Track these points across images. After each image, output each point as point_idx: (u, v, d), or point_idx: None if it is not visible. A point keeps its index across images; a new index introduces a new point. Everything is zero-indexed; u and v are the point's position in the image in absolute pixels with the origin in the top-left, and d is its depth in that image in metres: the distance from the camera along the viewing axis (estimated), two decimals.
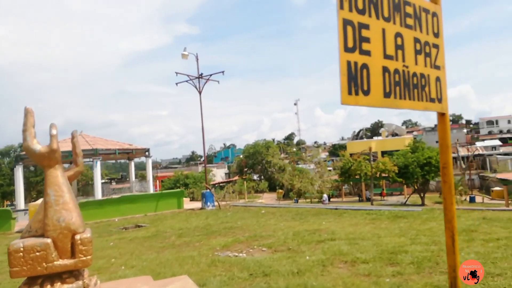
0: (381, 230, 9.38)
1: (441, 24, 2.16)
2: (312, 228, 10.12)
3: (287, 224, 11.13)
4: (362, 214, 12.12)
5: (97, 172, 26.86)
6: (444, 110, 2.15)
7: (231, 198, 40.10)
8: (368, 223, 10.57)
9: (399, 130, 60.38)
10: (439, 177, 29.55)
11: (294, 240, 8.68)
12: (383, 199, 40.33)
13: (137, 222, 13.88)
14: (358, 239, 8.35)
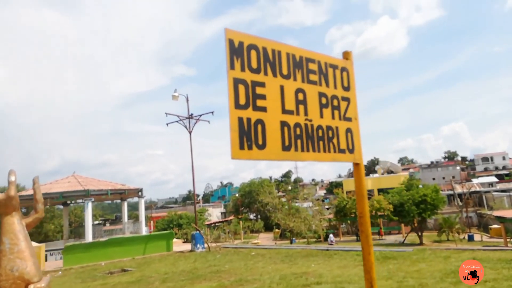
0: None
1: (352, 78, 2.22)
2: (300, 271, 9.86)
3: (275, 267, 10.84)
4: (352, 256, 11.85)
5: (88, 214, 26.48)
6: (357, 160, 2.17)
7: (226, 239, 39.31)
8: (358, 265, 10.30)
9: (394, 168, 60.47)
10: (436, 215, 29.11)
11: (280, 284, 8.43)
12: (381, 238, 39.58)
13: (124, 266, 13.48)
14: (344, 282, 8.11)
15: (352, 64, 2.18)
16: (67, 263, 14.55)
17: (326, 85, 2.06)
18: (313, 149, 1.87)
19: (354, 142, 2.12)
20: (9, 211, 3.12)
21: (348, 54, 2.19)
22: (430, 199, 32.28)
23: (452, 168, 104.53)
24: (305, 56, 2.00)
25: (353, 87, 2.18)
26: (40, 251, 13.69)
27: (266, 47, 1.82)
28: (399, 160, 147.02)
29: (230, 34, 1.65)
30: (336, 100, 2.07)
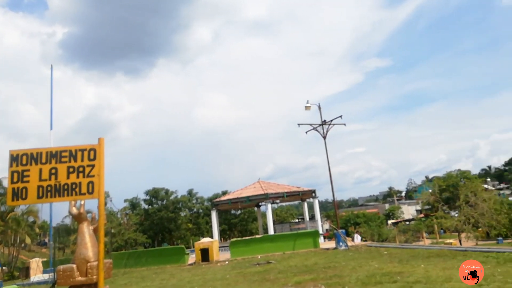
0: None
1: (99, 152, 4.06)
2: (396, 271, 9.82)
3: (381, 266, 10.97)
4: (480, 257, 10.53)
5: (269, 213, 30.75)
6: (95, 197, 3.93)
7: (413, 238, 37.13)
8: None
9: None
10: None
11: (358, 281, 8.93)
12: None
13: (270, 259, 15.94)
14: (420, 283, 7.95)
15: (101, 146, 3.70)
16: (234, 255, 18.28)
17: (74, 161, 3.72)
18: (59, 196, 3.58)
19: (94, 188, 3.66)
20: (80, 221, 5.71)
21: (101, 140, 3.71)
22: None
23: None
24: (59, 150, 3.95)
25: (98, 157, 3.70)
26: (212, 246, 17.81)
27: (33, 152, 3.87)
28: None
29: (13, 152, 3.71)
30: (82, 168, 3.68)
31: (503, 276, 7.83)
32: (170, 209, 51.63)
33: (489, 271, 8.59)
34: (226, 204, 33.44)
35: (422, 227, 37.00)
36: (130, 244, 44.45)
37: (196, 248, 17.92)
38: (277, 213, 65.71)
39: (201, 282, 12.03)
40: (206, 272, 14.44)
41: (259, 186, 33.63)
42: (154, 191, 52.89)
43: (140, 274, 16.89)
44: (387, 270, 10.16)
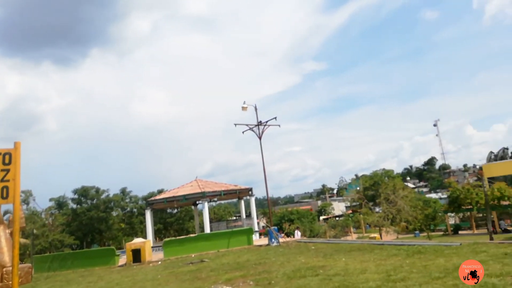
0: (380, 267, 9.26)
1: (14, 157, 3.93)
2: (320, 265, 10.53)
3: (306, 261, 11.65)
4: (393, 250, 11.71)
5: (205, 212, 30.71)
6: (9, 202, 3.85)
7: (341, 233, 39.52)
8: (384, 259, 10.33)
9: None
10: None
11: (285, 275, 9.44)
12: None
13: (204, 258, 16.07)
14: (339, 275, 8.64)
15: (17, 150, 3.69)
16: (167, 254, 18.11)
17: None
18: None
19: (9, 192, 3.64)
20: None
21: (17, 144, 3.70)
22: None
23: None
24: None
25: (14, 161, 3.68)
26: (144, 246, 17.47)
27: None
28: None
29: None
30: None
31: (410, 267, 8.79)
32: (101, 209, 49.20)
33: (398, 263, 9.60)
34: (161, 203, 32.77)
35: (350, 223, 39.50)
36: (55, 246, 41.62)
37: (127, 249, 17.44)
38: (214, 211, 65.68)
39: (130, 283, 11.80)
40: (136, 273, 14.15)
41: (196, 185, 33.45)
42: (83, 190, 50.04)
43: (66, 277, 16.03)
44: (312, 264, 10.84)
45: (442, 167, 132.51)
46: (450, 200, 33.26)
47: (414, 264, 9.14)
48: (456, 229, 37.37)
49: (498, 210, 33.81)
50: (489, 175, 49.11)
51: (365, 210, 47.21)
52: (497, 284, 6.26)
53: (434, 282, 6.95)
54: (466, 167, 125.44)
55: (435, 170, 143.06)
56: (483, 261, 8.41)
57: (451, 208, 34.41)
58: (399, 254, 10.88)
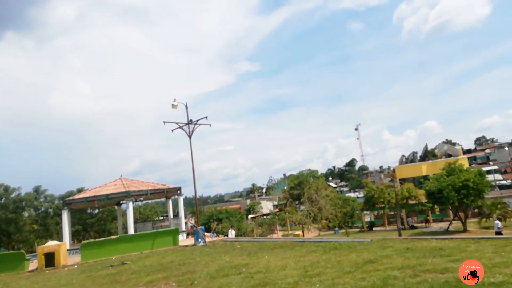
0: (299, 263, 9.74)
1: None
2: (243, 263, 10.75)
3: (230, 260, 11.83)
4: (312, 247, 12.38)
5: (129, 212, 29.42)
6: None
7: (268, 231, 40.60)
8: (303, 256, 10.88)
9: (453, 151, 56.48)
10: (481, 201, 27.33)
11: (208, 275, 9.48)
12: (427, 226, 37.87)
13: (126, 260, 15.42)
14: (261, 273, 8.91)
15: None
16: (84, 258, 17.03)
17: None
18: None
19: None
20: None
21: None
22: (473, 184, 30.27)
23: None
24: None
25: None
26: (59, 249, 16.24)
27: None
28: (476, 140, 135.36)
29: None
30: None
31: (325, 263, 9.38)
32: (10, 209, 44.55)
33: (316, 259, 10.17)
34: (81, 203, 30.66)
35: (276, 221, 40.69)
36: None
37: (39, 253, 16.06)
38: (140, 211, 63.30)
39: None
40: (49, 279, 13.12)
41: (121, 184, 31.94)
42: None
43: None
44: (236, 263, 11.02)
45: (361, 168, 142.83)
46: (366, 199, 36.03)
47: (329, 259, 9.76)
48: (371, 226, 40.57)
49: (407, 208, 37.43)
50: (401, 177, 54.25)
51: (290, 209, 49.16)
52: (398, 276, 6.96)
53: (345, 276, 7.51)
54: (381, 168, 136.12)
55: (355, 171, 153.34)
56: (388, 255, 9.29)
57: (366, 207, 37.26)
58: (317, 251, 11.52)
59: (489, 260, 7.46)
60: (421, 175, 50.71)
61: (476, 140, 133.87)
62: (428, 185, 32.20)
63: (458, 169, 32.41)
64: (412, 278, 6.66)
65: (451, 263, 7.57)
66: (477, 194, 30.42)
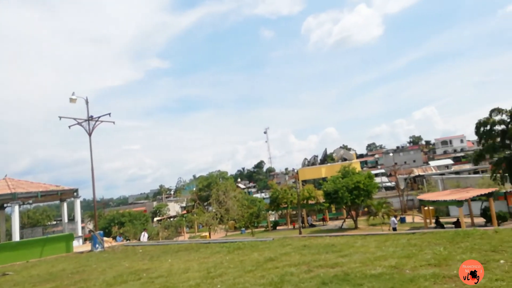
0: (202, 265, 9.71)
1: None
2: (144, 268, 10.33)
3: (131, 265, 11.28)
4: (217, 248, 12.48)
5: (15, 216, 26.17)
6: None
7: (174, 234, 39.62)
8: (208, 257, 10.88)
9: (348, 155, 62.07)
10: (370, 201, 30.21)
11: (104, 283, 8.88)
12: (324, 224, 40.98)
13: (8, 270, 13.63)
14: (162, 277, 8.66)
15: None
16: None
17: None
18: None
19: None
20: None
21: None
22: (363, 186, 33.53)
23: (414, 153, 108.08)
24: None
25: None
26: None
27: None
28: (367, 146, 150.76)
29: None
30: None
31: (229, 263, 9.51)
32: None
33: (219, 259, 10.26)
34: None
35: (183, 223, 40.01)
36: None
37: None
38: (29, 215, 56.68)
39: None
40: None
41: (5, 184, 28.31)
42: None
43: None
44: (136, 268, 10.53)
45: (269, 170, 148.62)
46: (271, 200, 37.55)
47: (233, 259, 9.93)
48: (275, 225, 42.36)
49: (307, 208, 39.94)
50: (303, 178, 57.78)
51: (197, 211, 48.76)
52: (294, 272, 7.39)
53: (246, 275, 7.71)
54: (287, 170, 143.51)
55: (263, 172, 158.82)
56: (287, 253, 9.81)
57: (272, 207, 38.85)
58: (221, 251, 11.63)
59: (372, 254, 8.36)
60: (321, 177, 54.83)
61: (367, 146, 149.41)
62: (326, 186, 34.85)
63: (352, 172, 35.71)
64: (306, 273, 7.13)
65: (341, 258, 8.30)
66: (367, 194, 33.89)
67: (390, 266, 6.87)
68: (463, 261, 6.46)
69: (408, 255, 7.67)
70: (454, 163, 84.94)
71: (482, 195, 26.87)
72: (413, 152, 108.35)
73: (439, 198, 28.52)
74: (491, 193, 27.11)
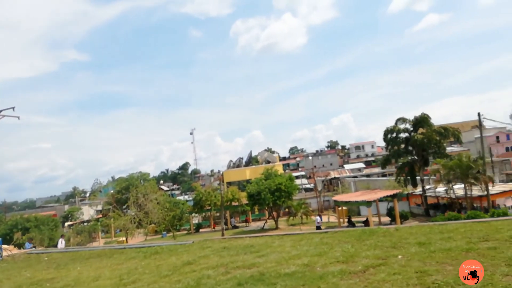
0: (115, 271, 9.18)
1: None
2: (49, 278, 9.46)
3: (33, 275, 10.26)
4: (133, 253, 11.92)
5: None
6: None
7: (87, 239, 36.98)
8: (121, 263, 10.33)
9: (271, 158, 64.00)
10: (290, 202, 31.26)
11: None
12: (247, 225, 41.67)
13: None
14: (69, 286, 8.00)
15: None
16: None
17: None
18: None
19: None
20: None
21: None
22: (285, 187, 34.71)
23: (331, 156, 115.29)
24: None
25: None
26: None
27: None
28: (290, 149, 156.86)
29: None
30: None
31: (144, 269, 9.12)
32: None
33: (134, 265, 9.80)
34: None
35: (98, 228, 37.56)
36: None
37: None
38: None
39: None
40: None
41: None
42: None
43: None
44: (39, 278, 9.58)
45: (194, 172, 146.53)
46: (195, 202, 37.08)
47: (148, 265, 9.56)
48: (198, 228, 41.90)
49: (231, 210, 40.23)
50: (228, 180, 58.09)
51: (114, 214, 46.06)
52: (212, 275, 7.34)
53: (161, 280, 7.47)
54: (212, 172, 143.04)
55: (188, 174, 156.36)
56: (206, 255, 9.73)
57: (195, 209, 38.35)
58: (137, 257, 11.13)
59: (287, 253, 8.66)
60: (245, 179, 55.61)
61: (290, 150, 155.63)
62: (249, 188, 35.41)
63: (274, 174, 36.79)
64: (223, 275, 7.13)
65: (258, 258, 8.47)
66: (288, 196, 35.18)
67: (303, 264, 7.18)
68: (367, 257, 7.02)
69: (320, 253, 8.10)
70: (365, 167, 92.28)
71: (388, 196, 29.58)
72: (330, 156, 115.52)
73: (351, 199, 30.75)
74: (395, 194, 29.98)
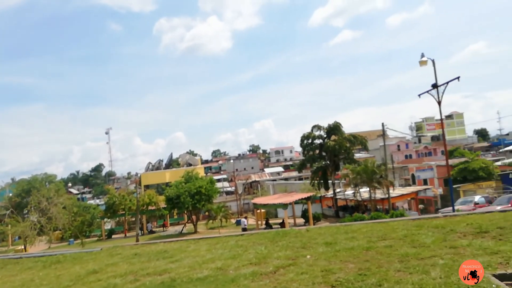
0: (6, 284, 8.17)
1: None
2: None
3: None
4: (30, 263, 10.75)
5: None
6: None
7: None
8: (15, 275, 9.24)
9: (193, 160, 63.10)
10: (210, 205, 30.98)
11: None
12: (165, 230, 40.41)
13: None
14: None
15: None
16: None
17: None
18: None
19: None
20: None
21: None
22: (205, 190, 34.43)
23: (252, 160, 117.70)
24: None
25: None
26: None
27: None
28: (212, 152, 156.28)
29: None
30: None
31: (41, 280, 8.26)
32: None
33: (30, 276, 8.83)
34: None
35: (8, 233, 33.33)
36: None
37: None
38: None
39: None
40: None
41: None
42: None
43: None
44: None
45: (109, 174, 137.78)
46: (107, 206, 34.84)
47: (47, 275, 8.68)
48: (111, 234, 39.43)
49: (147, 214, 38.66)
50: (146, 183, 55.84)
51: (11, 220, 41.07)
52: (119, 283, 6.90)
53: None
54: (129, 174, 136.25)
55: (102, 176, 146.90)
56: (114, 263, 9.14)
57: (107, 214, 36.07)
58: (35, 267, 10.05)
59: (201, 257, 8.53)
60: (165, 181, 53.98)
61: (213, 153, 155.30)
62: (168, 191, 34.44)
63: (195, 177, 36.31)
64: (131, 283, 6.76)
65: (171, 264, 8.20)
66: (208, 199, 34.97)
67: (216, 268, 7.11)
68: (278, 258, 7.21)
69: (234, 256, 8.12)
70: (284, 171, 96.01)
71: (303, 198, 31.05)
72: (251, 159, 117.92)
73: (269, 201, 31.65)
74: (309, 197, 31.59)
